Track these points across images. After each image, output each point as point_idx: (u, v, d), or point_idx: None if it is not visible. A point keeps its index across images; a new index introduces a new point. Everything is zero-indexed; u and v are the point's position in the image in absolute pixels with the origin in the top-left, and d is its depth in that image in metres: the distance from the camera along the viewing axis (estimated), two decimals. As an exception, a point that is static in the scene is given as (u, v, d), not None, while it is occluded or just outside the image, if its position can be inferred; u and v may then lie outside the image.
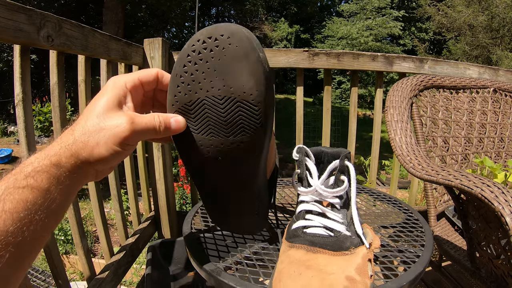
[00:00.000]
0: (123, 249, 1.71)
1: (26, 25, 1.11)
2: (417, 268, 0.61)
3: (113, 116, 0.49)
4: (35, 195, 0.41)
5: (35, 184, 0.42)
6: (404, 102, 1.14)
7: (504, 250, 0.82)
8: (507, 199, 0.70)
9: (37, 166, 0.43)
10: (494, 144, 1.58)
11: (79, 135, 0.47)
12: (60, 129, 1.41)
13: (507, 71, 2.38)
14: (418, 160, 0.92)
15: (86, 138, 0.47)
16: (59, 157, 0.45)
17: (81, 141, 0.47)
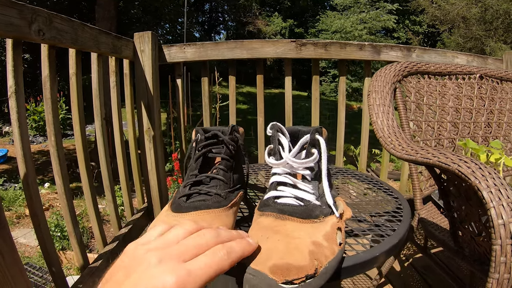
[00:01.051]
0: (116, 239, 1.73)
1: (18, 19, 1.15)
2: (392, 240, 0.63)
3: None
4: None
5: None
6: (387, 87, 1.16)
7: (485, 227, 0.84)
8: (484, 173, 0.72)
9: None
10: (481, 129, 1.60)
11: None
12: (52, 121, 1.43)
13: (496, 59, 2.39)
14: (398, 141, 0.94)
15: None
16: None
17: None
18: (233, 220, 0.64)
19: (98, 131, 1.76)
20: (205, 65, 2.09)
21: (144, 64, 1.98)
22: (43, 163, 7.46)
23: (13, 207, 4.70)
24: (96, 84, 1.73)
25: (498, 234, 0.68)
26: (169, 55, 2.07)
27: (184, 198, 0.65)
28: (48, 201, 4.99)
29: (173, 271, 0.36)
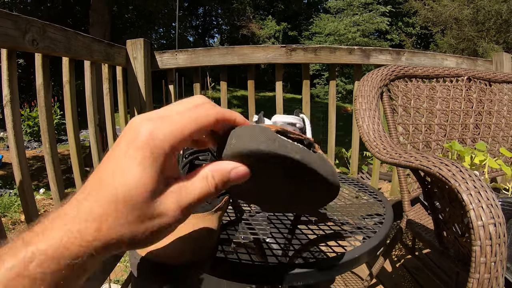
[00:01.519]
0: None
1: (12, 30, 1.18)
2: (372, 242, 0.65)
3: (154, 207, 0.34)
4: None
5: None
6: (373, 91, 1.18)
7: (468, 228, 0.86)
8: (464, 176, 0.74)
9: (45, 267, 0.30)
10: (469, 131, 1.62)
11: (108, 227, 0.32)
12: (47, 128, 1.45)
13: (486, 60, 2.43)
14: (383, 145, 0.96)
15: (120, 230, 0.32)
16: (74, 256, 0.31)
17: (110, 234, 0.32)
18: (217, 224, 0.66)
19: (92, 137, 1.78)
20: (197, 71, 2.11)
21: (137, 71, 2.00)
22: (38, 169, 7.44)
23: (8, 213, 4.69)
24: (90, 92, 1.75)
25: (477, 236, 0.70)
26: (161, 62, 2.09)
27: None
28: (44, 207, 4.99)
29: (168, 202, 0.35)
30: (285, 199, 0.52)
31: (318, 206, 0.57)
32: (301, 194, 0.49)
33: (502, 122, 1.77)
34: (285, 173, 0.44)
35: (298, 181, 0.45)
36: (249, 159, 0.39)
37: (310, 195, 0.49)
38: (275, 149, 0.39)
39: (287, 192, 0.50)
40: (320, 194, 0.49)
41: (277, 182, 0.47)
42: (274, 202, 0.55)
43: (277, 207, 0.59)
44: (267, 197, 0.53)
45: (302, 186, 0.46)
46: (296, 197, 0.51)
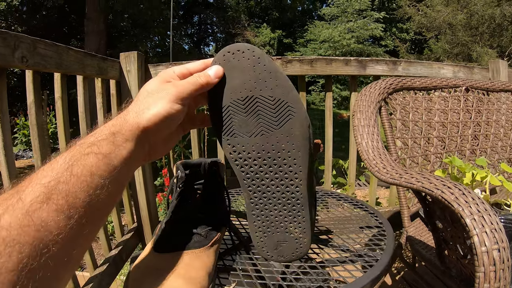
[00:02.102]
0: (106, 261, 1.71)
1: (1, 47, 1.14)
2: (374, 272, 0.62)
3: (160, 88, 0.55)
4: (98, 160, 0.45)
5: (97, 151, 0.45)
6: (372, 106, 1.16)
7: (471, 250, 0.84)
8: (468, 200, 0.72)
9: (98, 136, 0.48)
10: (468, 142, 1.60)
11: (132, 106, 0.53)
12: (39, 146, 1.42)
13: (482, 68, 2.42)
14: (383, 164, 0.94)
15: (137, 107, 0.53)
16: (115, 127, 0.50)
17: (134, 110, 0.52)
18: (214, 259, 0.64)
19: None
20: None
21: (131, 84, 1.97)
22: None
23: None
24: (83, 108, 1.72)
25: (481, 262, 0.68)
26: (155, 75, 2.05)
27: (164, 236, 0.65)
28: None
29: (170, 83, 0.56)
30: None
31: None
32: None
33: (500, 132, 1.75)
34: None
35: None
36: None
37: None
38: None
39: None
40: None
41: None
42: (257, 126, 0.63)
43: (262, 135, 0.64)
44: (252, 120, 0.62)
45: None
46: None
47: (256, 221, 0.68)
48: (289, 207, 0.66)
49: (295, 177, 0.64)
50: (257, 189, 0.65)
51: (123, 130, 0.50)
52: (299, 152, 0.63)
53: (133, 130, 0.51)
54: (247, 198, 0.66)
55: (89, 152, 0.45)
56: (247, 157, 0.64)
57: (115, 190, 0.47)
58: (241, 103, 0.61)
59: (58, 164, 0.43)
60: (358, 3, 17.44)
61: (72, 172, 0.42)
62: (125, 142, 0.49)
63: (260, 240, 0.69)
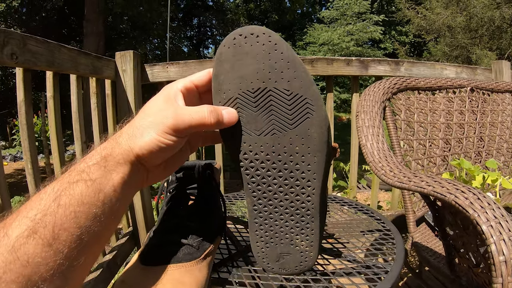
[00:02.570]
0: (100, 267, 1.66)
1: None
2: (384, 286, 0.57)
3: (159, 110, 0.49)
4: (88, 188, 0.41)
5: (87, 177, 0.42)
6: (376, 107, 1.11)
7: (484, 258, 0.79)
8: (483, 205, 0.67)
9: (89, 161, 0.44)
10: (473, 144, 1.55)
11: (126, 128, 0.48)
12: (29, 147, 1.37)
13: (485, 69, 2.37)
14: (390, 166, 0.88)
15: (132, 130, 0.48)
16: (107, 150, 0.46)
17: (127, 133, 0.48)
18: (207, 273, 0.58)
19: (79, 156, 1.70)
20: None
21: (126, 84, 1.92)
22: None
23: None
24: (76, 107, 1.67)
25: (499, 272, 0.62)
26: (152, 75, 2.01)
27: (153, 247, 0.59)
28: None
29: (171, 107, 0.49)
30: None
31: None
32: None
33: (506, 133, 1.70)
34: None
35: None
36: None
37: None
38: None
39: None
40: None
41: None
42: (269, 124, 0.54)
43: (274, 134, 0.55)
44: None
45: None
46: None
47: (258, 230, 0.60)
48: (297, 218, 0.58)
49: (307, 185, 0.56)
50: (262, 195, 0.57)
51: (115, 153, 0.46)
52: (315, 157, 0.54)
53: (126, 154, 0.46)
54: (250, 204, 0.59)
55: (78, 179, 0.42)
56: (254, 159, 0.55)
57: (108, 220, 0.44)
58: (252, 95, 0.52)
59: (46, 195, 0.40)
60: (358, 6, 17.45)
61: (60, 202, 0.39)
62: (117, 166, 0.45)
63: (261, 251, 0.62)
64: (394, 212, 2.14)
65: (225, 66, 0.52)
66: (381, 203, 3.81)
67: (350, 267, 0.66)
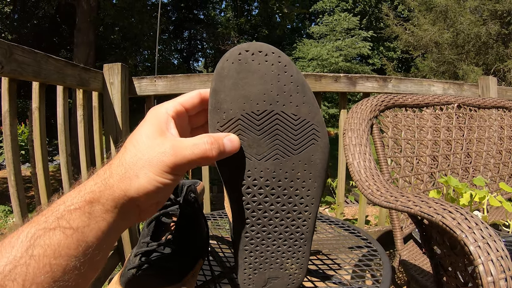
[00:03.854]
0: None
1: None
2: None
3: (153, 145, 0.43)
4: (66, 237, 0.36)
5: (66, 225, 0.37)
6: (363, 124, 1.10)
7: (472, 278, 0.78)
8: (471, 225, 0.66)
9: (70, 205, 0.39)
10: (460, 160, 1.56)
11: (116, 167, 0.42)
12: (12, 158, 1.35)
13: (472, 85, 2.40)
14: (376, 185, 0.87)
15: (124, 170, 0.42)
16: (93, 194, 0.40)
17: (118, 173, 0.42)
18: None
19: (63, 168, 1.67)
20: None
21: (113, 97, 1.90)
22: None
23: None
24: (62, 119, 1.65)
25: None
26: (140, 88, 2.00)
27: (133, 270, 0.57)
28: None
29: (166, 141, 0.44)
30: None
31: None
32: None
33: (493, 149, 1.71)
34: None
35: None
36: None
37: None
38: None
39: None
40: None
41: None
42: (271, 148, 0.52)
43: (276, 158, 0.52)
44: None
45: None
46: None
47: (247, 257, 0.57)
48: (290, 242, 0.57)
49: (304, 210, 0.54)
50: (256, 221, 0.55)
51: (103, 198, 0.40)
52: (315, 182, 0.53)
53: (118, 199, 0.41)
54: (241, 231, 0.56)
55: (55, 226, 0.37)
56: (252, 184, 0.52)
57: (89, 270, 0.39)
58: (256, 117, 0.49)
59: (18, 241, 0.35)
60: (347, 22, 17.68)
61: (33, 253, 0.35)
62: (105, 213, 0.40)
63: (248, 278, 0.59)
64: (382, 228, 2.14)
65: (226, 83, 0.48)
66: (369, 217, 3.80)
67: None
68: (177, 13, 19.95)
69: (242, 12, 21.85)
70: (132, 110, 2.06)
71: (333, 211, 2.34)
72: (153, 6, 12.68)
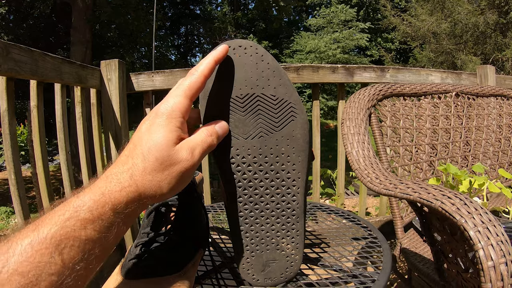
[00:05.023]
0: (85, 280, 1.62)
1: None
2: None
3: (173, 154, 0.46)
4: (93, 244, 0.39)
5: (95, 235, 0.39)
6: (361, 114, 1.10)
7: (473, 263, 0.78)
8: (470, 210, 0.66)
9: (95, 213, 0.40)
10: (460, 148, 1.56)
11: (139, 175, 0.44)
12: (12, 158, 1.35)
13: (470, 74, 2.40)
14: (375, 173, 0.87)
15: (149, 178, 0.44)
16: (117, 202, 0.42)
17: (142, 182, 0.44)
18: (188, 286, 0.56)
19: (63, 165, 1.67)
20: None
21: (111, 94, 1.90)
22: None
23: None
24: (60, 117, 1.64)
25: (488, 277, 0.62)
26: (137, 84, 1.99)
27: (134, 260, 0.57)
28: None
29: (183, 148, 0.48)
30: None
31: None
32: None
33: (492, 137, 1.71)
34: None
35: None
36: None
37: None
38: None
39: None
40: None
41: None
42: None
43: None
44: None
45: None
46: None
47: (244, 238, 0.61)
48: (283, 220, 0.60)
49: (292, 185, 0.59)
50: (248, 199, 0.59)
51: (125, 206, 0.43)
52: (299, 156, 0.58)
53: (137, 205, 0.44)
54: (235, 212, 0.60)
55: (83, 235, 0.39)
56: (241, 162, 0.58)
57: (97, 265, 0.42)
58: (240, 101, 0.56)
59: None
60: (344, 14, 17.61)
61: (63, 257, 0.36)
62: (124, 221, 0.43)
63: (246, 262, 0.62)
64: (383, 218, 2.14)
65: (213, 74, 0.55)
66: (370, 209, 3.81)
67: (336, 276, 0.65)
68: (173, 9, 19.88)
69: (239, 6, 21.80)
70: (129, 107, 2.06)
71: (333, 202, 2.35)
72: (149, 2, 12.61)
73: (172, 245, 0.59)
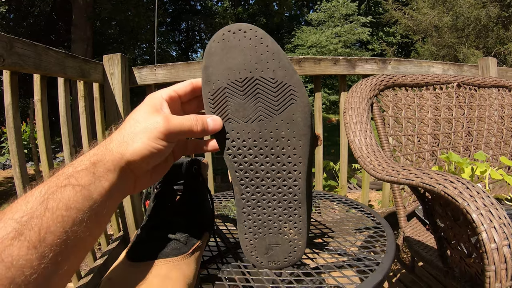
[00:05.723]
0: (91, 272, 1.65)
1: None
2: (376, 278, 0.56)
3: (149, 117, 0.50)
4: (76, 193, 0.42)
5: (75, 182, 0.42)
6: (363, 103, 1.11)
7: (475, 248, 0.79)
8: (472, 194, 0.67)
9: (77, 166, 0.45)
10: (462, 139, 1.56)
11: (116, 135, 0.50)
12: (16, 150, 1.36)
13: (472, 66, 2.39)
14: (378, 161, 0.88)
15: (122, 137, 0.49)
16: (96, 157, 0.46)
17: (117, 139, 0.49)
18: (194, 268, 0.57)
19: (67, 160, 1.68)
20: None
21: (114, 88, 1.91)
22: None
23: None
24: (64, 111, 1.65)
25: (491, 260, 0.62)
26: (140, 77, 2.00)
27: (140, 244, 0.58)
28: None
29: (160, 114, 0.51)
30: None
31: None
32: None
33: (493, 128, 1.72)
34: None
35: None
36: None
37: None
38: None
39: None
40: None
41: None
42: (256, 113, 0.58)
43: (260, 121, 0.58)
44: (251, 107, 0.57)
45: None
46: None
47: (246, 220, 0.62)
48: (284, 204, 0.60)
49: (293, 169, 0.59)
50: (250, 182, 0.60)
51: (105, 160, 0.47)
52: (300, 141, 0.57)
53: (116, 161, 0.48)
54: (238, 194, 0.61)
55: (66, 184, 0.42)
56: (242, 146, 0.58)
57: (95, 225, 0.44)
58: (239, 84, 0.56)
59: (33, 197, 0.40)
60: (345, 8, 17.53)
61: (47, 206, 0.39)
62: (107, 173, 0.46)
63: (249, 243, 0.63)
64: (385, 210, 2.15)
65: (214, 59, 0.55)
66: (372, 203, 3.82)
67: (341, 260, 0.66)
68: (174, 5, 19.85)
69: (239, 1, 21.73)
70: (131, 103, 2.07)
71: (336, 194, 2.36)
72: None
73: (177, 227, 0.60)
